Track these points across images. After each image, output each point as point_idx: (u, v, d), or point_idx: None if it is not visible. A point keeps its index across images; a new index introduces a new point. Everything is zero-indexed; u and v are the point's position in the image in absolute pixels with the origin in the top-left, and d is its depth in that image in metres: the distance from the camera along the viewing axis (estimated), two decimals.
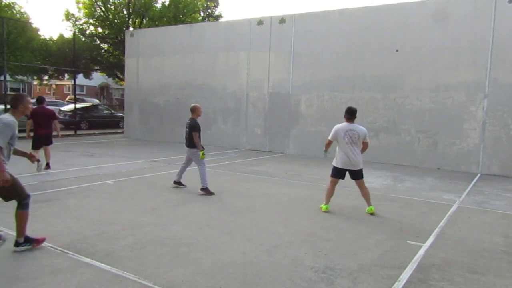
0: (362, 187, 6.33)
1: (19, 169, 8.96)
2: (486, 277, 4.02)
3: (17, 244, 4.29)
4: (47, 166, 9.17)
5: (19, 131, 4.45)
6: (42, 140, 9.21)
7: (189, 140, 7.33)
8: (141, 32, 18.75)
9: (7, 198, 4.29)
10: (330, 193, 6.39)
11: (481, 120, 10.78)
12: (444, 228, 5.62)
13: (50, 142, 9.40)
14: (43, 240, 4.48)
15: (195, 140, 7.20)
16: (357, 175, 6.26)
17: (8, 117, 4.13)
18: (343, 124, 6.23)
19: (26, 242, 4.33)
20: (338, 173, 6.30)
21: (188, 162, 7.79)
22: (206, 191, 7.19)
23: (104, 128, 21.41)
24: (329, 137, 6.28)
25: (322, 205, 6.41)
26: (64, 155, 11.54)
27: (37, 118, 9.13)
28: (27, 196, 4.32)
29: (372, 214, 6.21)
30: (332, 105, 12.96)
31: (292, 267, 4.12)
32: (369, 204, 6.31)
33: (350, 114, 6.21)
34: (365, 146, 6.27)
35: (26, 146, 6.78)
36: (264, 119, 14.29)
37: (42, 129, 9.17)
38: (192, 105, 7.56)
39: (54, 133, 9.60)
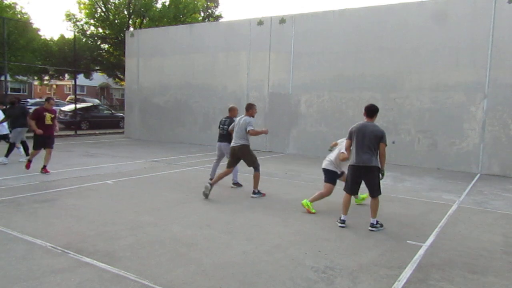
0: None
1: (20, 169, 9.00)
2: (486, 277, 4.03)
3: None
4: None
5: None
6: None
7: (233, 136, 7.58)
8: (141, 32, 18.75)
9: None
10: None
11: (481, 120, 10.78)
12: (444, 228, 5.62)
13: None
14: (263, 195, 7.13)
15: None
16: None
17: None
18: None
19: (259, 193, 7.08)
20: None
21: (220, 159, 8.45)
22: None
23: (105, 128, 21.44)
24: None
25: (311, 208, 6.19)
26: (65, 155, 11.55)
27: None
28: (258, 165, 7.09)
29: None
30: (332, 105, 12.97)
31: (292, 267, 4.12)
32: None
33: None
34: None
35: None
36: (264, 119, 14.28)
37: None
38: (231, 105, 8.18)
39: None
